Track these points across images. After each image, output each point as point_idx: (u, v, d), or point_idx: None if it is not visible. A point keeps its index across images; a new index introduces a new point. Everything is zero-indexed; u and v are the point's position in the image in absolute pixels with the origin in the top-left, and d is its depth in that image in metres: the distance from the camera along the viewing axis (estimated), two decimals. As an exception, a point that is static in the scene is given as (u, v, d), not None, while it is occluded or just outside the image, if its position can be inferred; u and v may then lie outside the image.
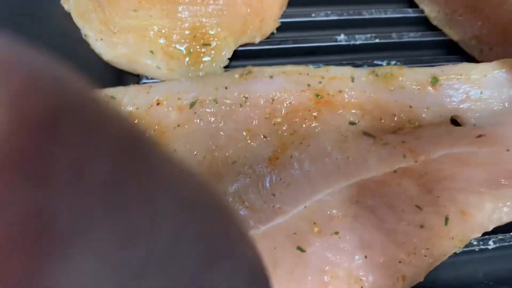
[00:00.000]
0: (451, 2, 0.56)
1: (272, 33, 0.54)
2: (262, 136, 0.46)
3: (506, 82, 0.48)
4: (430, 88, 0.49)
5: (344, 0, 0.58)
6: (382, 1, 0.60)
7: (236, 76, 0.48)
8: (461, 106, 0.49)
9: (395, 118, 0.49)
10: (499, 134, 0.45)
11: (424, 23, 0.58)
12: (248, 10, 0.51)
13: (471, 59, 0.55)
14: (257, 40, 0.52)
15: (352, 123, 0.48)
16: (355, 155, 0.44)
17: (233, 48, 0.51)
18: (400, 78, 0.49)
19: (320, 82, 0.48)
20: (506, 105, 0.48)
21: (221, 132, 0.45)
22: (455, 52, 0.56)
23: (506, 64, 0.49)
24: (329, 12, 0.56)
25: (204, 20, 0.49)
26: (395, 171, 0.43)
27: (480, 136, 0.44)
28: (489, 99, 0.48)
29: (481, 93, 0.48)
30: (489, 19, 0.54)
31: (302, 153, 0.45)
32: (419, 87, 0.49)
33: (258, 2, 0.50)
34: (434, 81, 0.48)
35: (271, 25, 0.53)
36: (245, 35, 0.51)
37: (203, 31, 0.49)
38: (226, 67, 0.51)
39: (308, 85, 0.48)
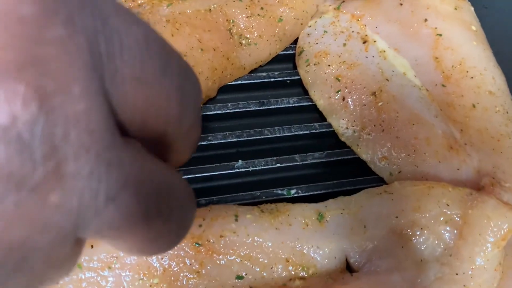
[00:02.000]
0: (358, 118, 0.53)
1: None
2: (135, 303, 0.42)
3: (384, 212, 0.49)
4: (317, 225, 0.46)
5: (244, 118, 0.54)
6: (290, 112, 0.56)
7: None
8: (349, 243, 0.49)
9: (288, 265, 0.45)
10: (377, 282, 0.45)
11: (332, 138, 0.54)
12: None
13: (381, 180, 0.52)
14: None
15: (239, 277, 0.44)
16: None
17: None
18: (287, 214, 0.47)
19: (200, 226, 0.45)
20: (388, 239, 0.48)
21: (83, 306, 0.41)
22: (365, 173, 0.53)
23: (373, 193, 0.50)
24: (227, 133, 0.52)
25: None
26: None
27: None
28: (373, 233, 0.48)
29: (364, 227, 0.48)
30: (398, 140, 0.51)
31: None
32: (306, 224, 0.46)
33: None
34: (320, 218, 0.47)
35: None
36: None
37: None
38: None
39: (189, 231, 0.44)
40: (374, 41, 0.58)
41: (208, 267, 0.45)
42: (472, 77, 0.58)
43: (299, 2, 0.59)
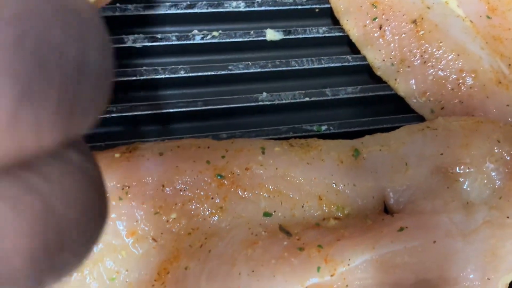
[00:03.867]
0: (398, 50, 0.48)
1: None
2: (150, 239, 0.38)
3: (428, 149, 0.44)
4: (353, 162, 0.42)
5: (269, 48, 0.49)
6: (319, 44, 0.51)
7: (117, 155, 0.39)
8: (388, 182, 0.44)
9: (321, 204, 0.41)
10: (424, 223, 0.40)
11: (366, 72, 0.50)
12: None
13: (420, 118, 0.47)
14: None
15: (267, 214, 0.40)
16: (262, 267, 0.36)
17: None
18: (320, 149, 0.42)
19: (223, 157, 0.40)
20: (432, 179, 0.44)
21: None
22: (402, 111, 0.48)
23: (415, 128, 0.46)
24: (249, 63, 0.47)
25: None
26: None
27: (401, 228, 0.38)
28: (415, 172, 0.44)
29: (406, 164, 0.43)
30: (442, 73, 0.47)
31: (199, 264, 0.37)
32: (340, 161, 0.41)
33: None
34: (356, 154, 0.42)
35: None
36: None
37: None
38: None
39: (208, 162, 0.40)
40: (414, -33, 0.53)
41: (232, 202, 0.41)
42: (519, 10, 0.53)
43: None
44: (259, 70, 0.49)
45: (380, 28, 0.50)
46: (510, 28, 0.52)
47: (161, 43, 0.48)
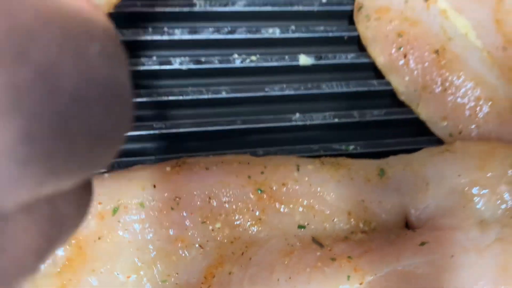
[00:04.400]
0: (421, 76, 0.53)
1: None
2: (197, 246, 0.43)
3: (447, 170, 0.48)
4: (378, 181, 0.46)
5: (301, 72, 0.54)
6: (347, 69, 0.56)
7: (168, 169, 0.44)
8: (411, 200, 0.48)
9: (350, 218, 0.45)
10: (443, 239, 0.45)
11: (390, 97, 0.54)
12: None
13: (440, 141, 0.52)
14: None
15: (301, 227, 0.44)
16: (298, 274, 0.40)
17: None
18: (349, 168, 0.47)
19: (262, 173, 0.45)
20: (450, 198, 0.48)
21: (149, 245, 0.41)
22: (423, 133, 0.52)
23: (435, 151, 0.50)
24: (284, 85, 0.52)
25: None
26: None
27: (423, 243, 0.43)
28: (435, 191, 0.48)
29: (427, 184, 0.47)
30: (461, 100, 0.51)
31: (242, 270, 0.41)
32: (368, 179, 0.46)
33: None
34: (382, 173, 0.46)
35: None
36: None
37: None
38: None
39: (249, 176, 0.44)
40: (436, 0, 0.57)
41: (270, 215, 0.45)
42: (533, 42, 0.57)
43: None
44: (292, 92, 0.54)
45: (405, 56, 0.55)
46: (524, 59, 0.56)
47: (205, 66, 0.53)
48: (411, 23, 0.55)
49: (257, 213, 0.45)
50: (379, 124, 0.54)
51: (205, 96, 0.51)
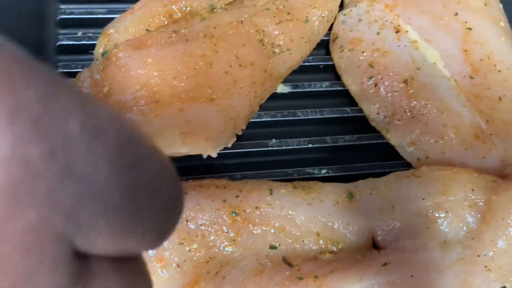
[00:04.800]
0: (390, 105, 0.56)
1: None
2: (175, 265, 0.45)
3: (412, 194, 0.51)
4: (347, 204, 0.50)
5: (278, 99, 0.57)
6: (322, 96, 0.59)
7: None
8: (377, 222, 0.51)
9: (319, 239, 0.48)
10: (405, 259, 0.48)
11: (362, 123, 0.57)
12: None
13: (409, 165, 0.55)
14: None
15: (272, 247, 0.47)
16: (266, 293, 0.43)
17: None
18: (319, 191, 0.50)
19: (237, 196, 0.48)
20: (415, 220, 0.50)
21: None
22: (393, 157, 0.55)
23: (402, 175, 0.53)
24: (262, 113, 0.55)
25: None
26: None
27: (385, 264, 0.47)
28: (400, 214, 0.51)
29: (393, 207, 0.51)
30: (427, 127, 0.54)
31: (216, 287, 0.44)
32: (337, 202, 0.49)
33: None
34: (350, 196, 0.50)
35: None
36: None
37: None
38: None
39: (224, 200, 0.48)
40: (406, 31, 0.61)
41: (244, 236, 0.48)
42: (499, 71, 0.60)
43: (322, 1, 0.61)
44: (269, 119, 0.57)
45: (376, 85, 0.58)
46: (489, 87, 0.59)
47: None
48: (382, 54, 0.59)
49: (231, 235, 0.48)
50: (350, 148, 0.58)
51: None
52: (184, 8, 0.56)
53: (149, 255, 0.46)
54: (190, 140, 0.49)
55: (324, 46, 0.64)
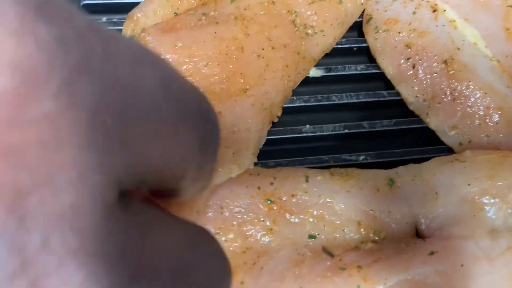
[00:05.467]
0: (429, 87, 0.53)
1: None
2: (210, 256, 0.43)
3: (457, 180, 0.48)
4: (388, 191, 0.47)
5: (311, 84, 0.55)
6: (357, 80, 0.56)
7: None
8: (420, 210, 0.49)
9: (360, 228, 0.46)
10: (452, 248, 0.46)
11: (400, 107, 0.54)
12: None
13: (450, 150, 0.52)
14: (233, 174, 0.47)
15: (311, 237, 0.45)
16: (308, 284, 0.41)
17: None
18: (358, 178, 0.47)
19: (271, 184, 0.46)
20: (460, 207, 0.48)
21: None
22: (433, 142, 0.53)
23: (444, 161, 0.50)
24: (294, 98, 0.53)
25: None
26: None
27: (432, 252, 0.44)
28: (444, 201, 0.48)
29: (436, 194, 0.48)
30: (470, 109, 0.51)
31: (253, 279, 0.43)
32: (377, 189, 0.47)
33: (229, 134, 0.47)
34: (391, 183, 0.47)
35: (248, 156, 0.48)
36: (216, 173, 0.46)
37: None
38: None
39: (259, 187, 0.45)
40: (444, 10, 0.58)
41: (281, 225, 0.46)
42: (544, 50, 0.57)
43: None
44: (302, 104, 0.55)
45: (414, 67, 0.55)
46: (534, 67, 0.56)
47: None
48: (419, 34, 0.56)
49: (267, 224, 0.46)
50: (389, 134, 0.55)
51: (217, 109, 0.53)
52: (213, -10, 0.53)
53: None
54: (242, 160, 0.47)
55: (357, 28, 0.61)
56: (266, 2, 0.53)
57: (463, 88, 0.53)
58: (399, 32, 0.56)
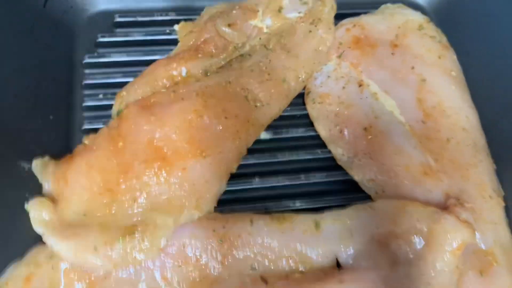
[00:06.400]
0: (352, 148, 0.67)
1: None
2: (175, 284, 0.57)
3: (369, 223, 0.62)
4: (314, 231, 0.60)
5: (261, 143, 0.69)
6: (298, 140, 0.71)
7: (156, 227, 0.59)
8: (338, 247, 0.62)
9: (290, 261, 0.59)
10: (358, 277, 0.59)
11: (331, 162, 0.69)
12: (183, 193, 0.60)
13: (368, 197, 0.66)
14: (195, 217, 0.60)
15: (253, 269, 0.59)
16: (245, 306, 0.55)
17: (171, 228, 0.59)
18: (291, 221, 0.60)
19: (224, 227, 0.59)
20: (370, 245, 0.61)
21: (139, 284, 0.56)
22: (357, 190, 0.67)
23: (360, 208, 0.64)
24: (248, 156, 0.67)
25: (140, 211, 0.59)
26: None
27: (341, 281, 0.58)
28: (358, 239, 0.61)
29: (352, 234, 0.60)
30: (383, 167, 0.65)
31: (206, 302, 0.56)
32: (305, 230, 0.60)
33: (191, 185, 0.60)
34: (317, 225, 0.60)
35: (207, 203, 0.62)
36: (182, 214, 0.60)
37: (141, 219, 0.59)
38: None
39: (214, 230, 0.59)
40: (368, 85, 0.72)
41: (230, 260, 0.60)
42: (448, 116, 0.71)
43: (298, 64, 0.73)
44: (254, 161, 0.69)
45: (341, 132, 0.70)
46: (439, 130, 0.70)
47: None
48: (346, 106, 0.70)
49: (219, 259, 0.60)
50: (321, 184, 0.69)
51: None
52: (182, 73, 0.68)
53: (155, 275, 0.58)
54: (203, 205, 0.61)
55: (301, 97, 0.76)
56: (224, 82, 0.68)
57: (378, 150, 0.68)
58: (330, 104, 0.71)
